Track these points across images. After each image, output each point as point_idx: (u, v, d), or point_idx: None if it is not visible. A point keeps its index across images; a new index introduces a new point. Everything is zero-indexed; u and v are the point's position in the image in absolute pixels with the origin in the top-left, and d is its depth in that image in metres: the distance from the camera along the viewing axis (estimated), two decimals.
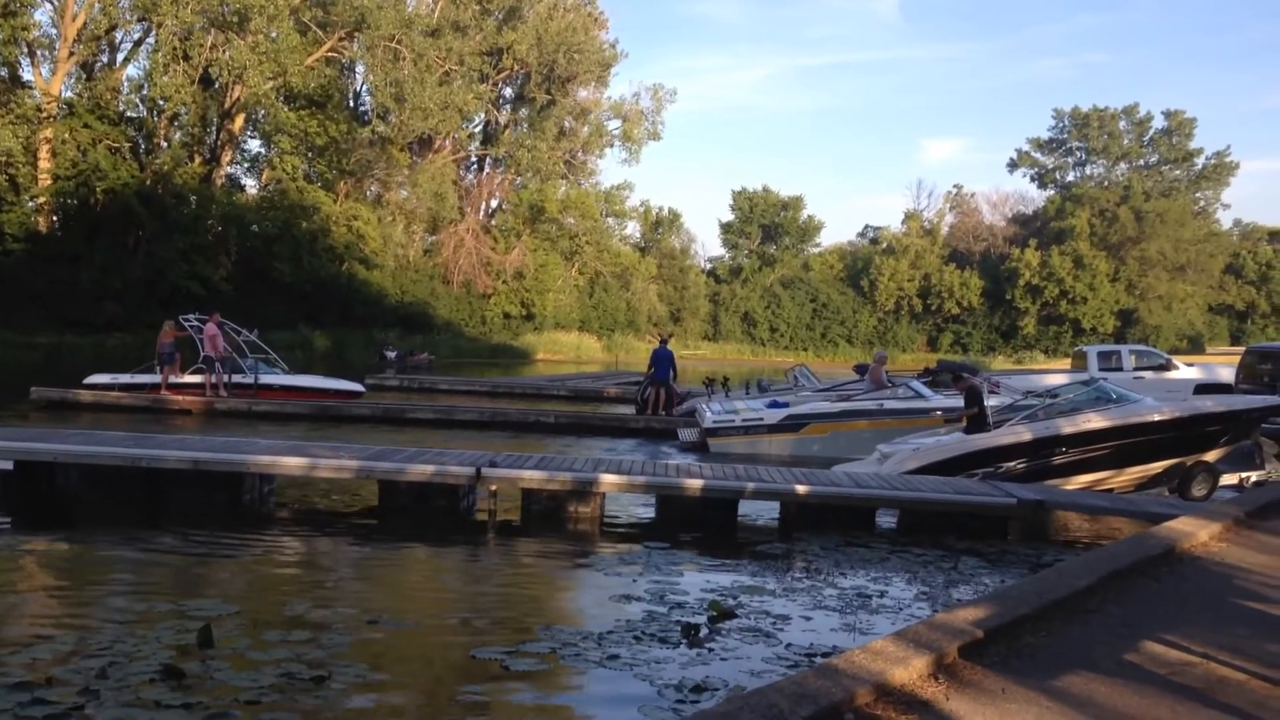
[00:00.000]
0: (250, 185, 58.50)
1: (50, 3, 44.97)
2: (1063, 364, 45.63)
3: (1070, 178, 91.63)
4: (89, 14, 44.12)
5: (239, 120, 52.39)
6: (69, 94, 45.39)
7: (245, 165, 59.38)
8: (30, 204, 43.10)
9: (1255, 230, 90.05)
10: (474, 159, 69.93)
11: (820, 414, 17.35)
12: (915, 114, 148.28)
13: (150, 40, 47.50)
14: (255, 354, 22.97)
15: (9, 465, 11.00)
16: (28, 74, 44.96)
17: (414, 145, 60.20)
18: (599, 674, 6.00)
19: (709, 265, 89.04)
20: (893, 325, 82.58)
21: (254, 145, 58.47)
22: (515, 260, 62.72)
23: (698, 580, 8.34)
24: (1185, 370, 24.78)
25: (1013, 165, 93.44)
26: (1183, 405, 13.69)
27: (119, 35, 48.34)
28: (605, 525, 10.74)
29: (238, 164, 58.10)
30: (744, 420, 17.43)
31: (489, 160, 69.34)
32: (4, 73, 43.55)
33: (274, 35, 46.17)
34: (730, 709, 4.09)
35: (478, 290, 61.75)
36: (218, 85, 48.97)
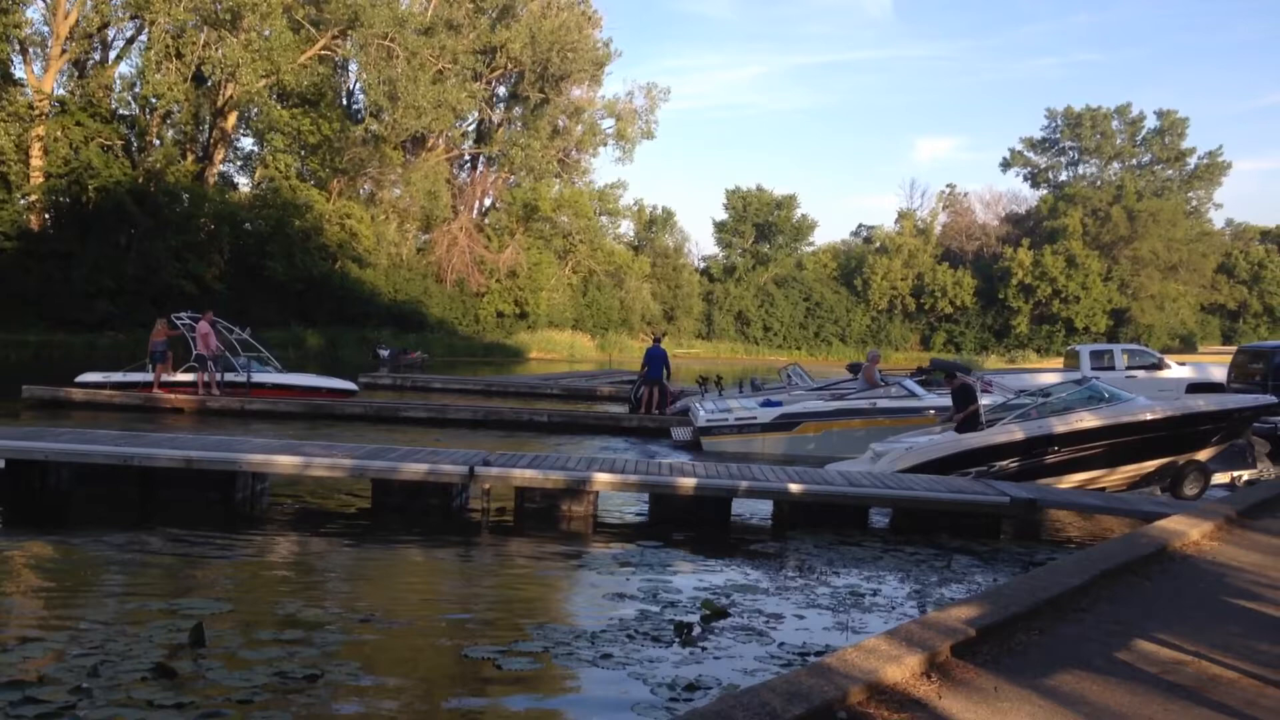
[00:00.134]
0: (243, 183, 58.53)
1: (42, 0, 44.93)
2: (1055, 363, 45.79)
3: (1063, 177, 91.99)
4: (81, 11, 44.02)
5: (231, 118, 52.30)
6: (61, 92, 45.33)
7: (238, 163, 59.47)
8: (22, 202, 42.97)
9: (1247, 230, 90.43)
10: (467, 157, 69.87)
11: (813, 413, 17.37)
12: (908, 113, 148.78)
13: (143, 38, 47.46)
14: (248, 352, 22.95)
15: (0, 464, 10.98)
16: (20, 71, 44.82)
17: (407, 144, 60.12)
18: (592, 673, 6.00)
19: (703, 264, 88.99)
20: (886, 324, 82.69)
21: (247, 143, 58.54)
22: (509, 259, 62.65)
23: (691, 579, 8.34)
24: (1177, 369, 24.86)
25: (1006, 164, 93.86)
26: (1175, 404, 13.72)
27: (111, 33, 48.32)
28: (598, 524, 10.74)
29: (230, 162, 58.19)
30: (737, 419, 17.45)
31: (482, 159, 69.27)
32: None
33: (267, 33, 46.09)
34: (723, 708, 4.08)
35: (471, 289, 61.66)
36: (210, 83, 48.90)
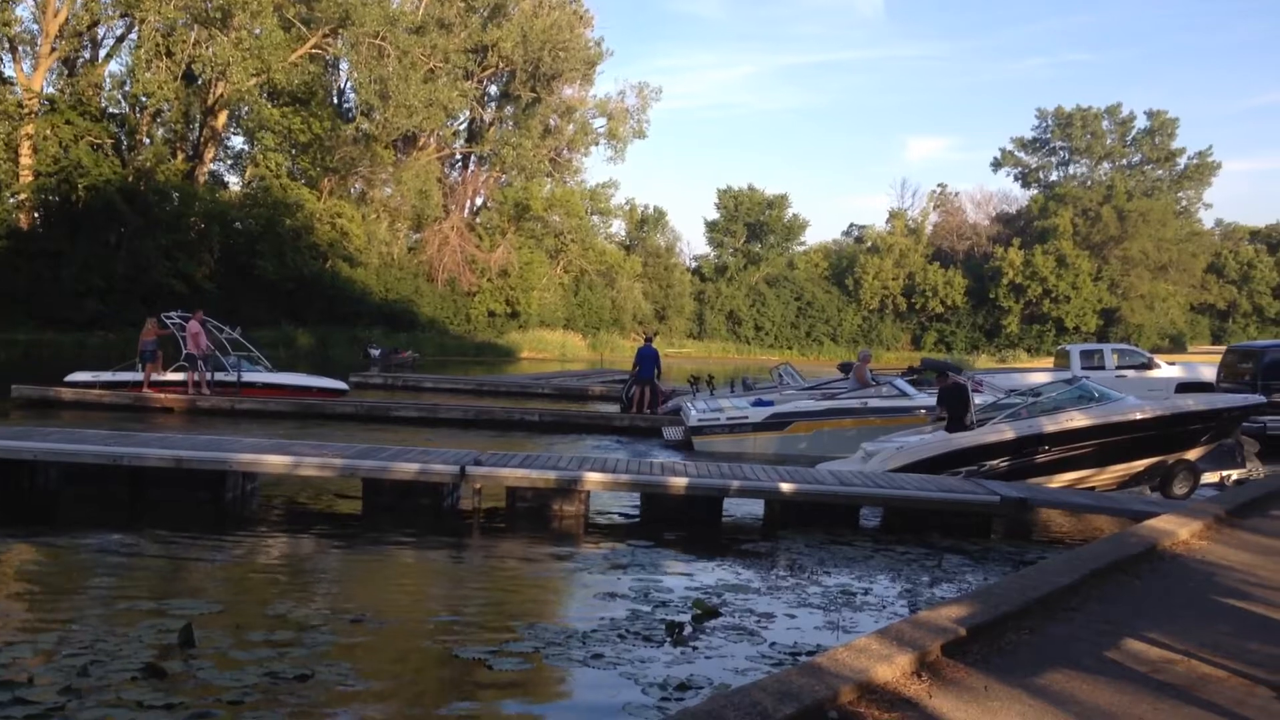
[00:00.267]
0: (233, 182, 58.31)
1: None
2: (1046, 363, 45.95)
3: (1053, 177, 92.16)
4: (71, 9, 43.81)
5: (222, 117, 52.12)
6: (51, 90, 45.04)
7: (228, 162, 59.22)
8: (11, 200, 42.72)
9: (1236, 230, 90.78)
10: (459, 156, 69.75)
11: (805, 412, 17.39)
12: (899, 112, 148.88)
13: (133, 36, 47.21)
14: (238, 352, 22.90)
15: None
16: (9, 70, 44.66)
17: (398, 143, 59.96)
18: (583, 673, 6.00)
19: (694, 263, 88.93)
20: (877, 324, 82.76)
21: (237, 142, 58.30)
22: (500, 258, 62.56)
23: (682, 578, 8.35)
24: (1167, 369, 24.95)
25: (996, 164, 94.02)
26: (1164, 404, 13.77)
27: (101, 31, 48.07)
28: (590, 524, 10.74)
29: (221, 161, 57.91)
30: (729, 418, 17.46)
31: (474, 158, 69.16)
32: None
33: (257, 31, 45.96)
34: (714, 707, 4.09)
35: (462, 288, 61.56)
36: (201, 81, 48.73)
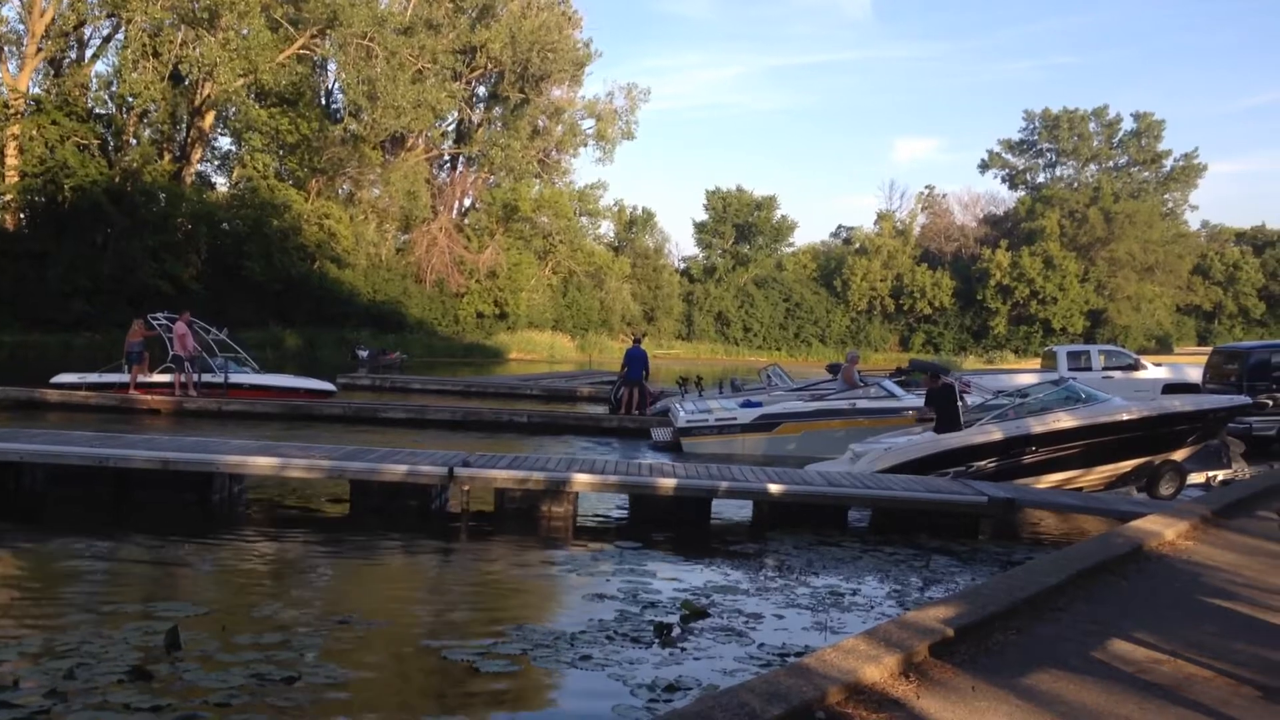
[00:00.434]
0: (220, 183, 58.04)
1: None
2: (1033, 364, 46.01)
3: (1040, 179, 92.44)
4: (57, 10, 43.59)
5: (209, 117, 51.90)
6: (37, 90, 44.82)
7: (215, 163, 58.94)
8: None
9: (1222, 231, 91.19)
10: (447, 157, 69.63)
11: (793, 413, 17.40)
12: (888, 114, 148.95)
13: (119, 36, 47.02)
14: (225, 353, 22.83)
15: None
16: None
17: (386, 143, 59.81)
18: (571, 674, 5.99)
19: (683, 265, 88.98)
20: (865, 325, 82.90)
21: (224, 143, 58.03)
22: (488, 259, 62.48)
23: (670, 579, 8.35)
24: (1153, 370, 25.03)
25: (984, 166, 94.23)
26: (1151, 405, 13.83)
27: (87, 31, 47.80)
28: (578, 525, 10.73)
29: (208, 161, 57.66)
30: (717, 420, 17.46)
31: (462, 159, 69.05)
32: None
33: (245, 32, 45.76)
34: (703, 708, 4.09)
35: (450, 289, 61.45)
36: (188, 82, 48.51)
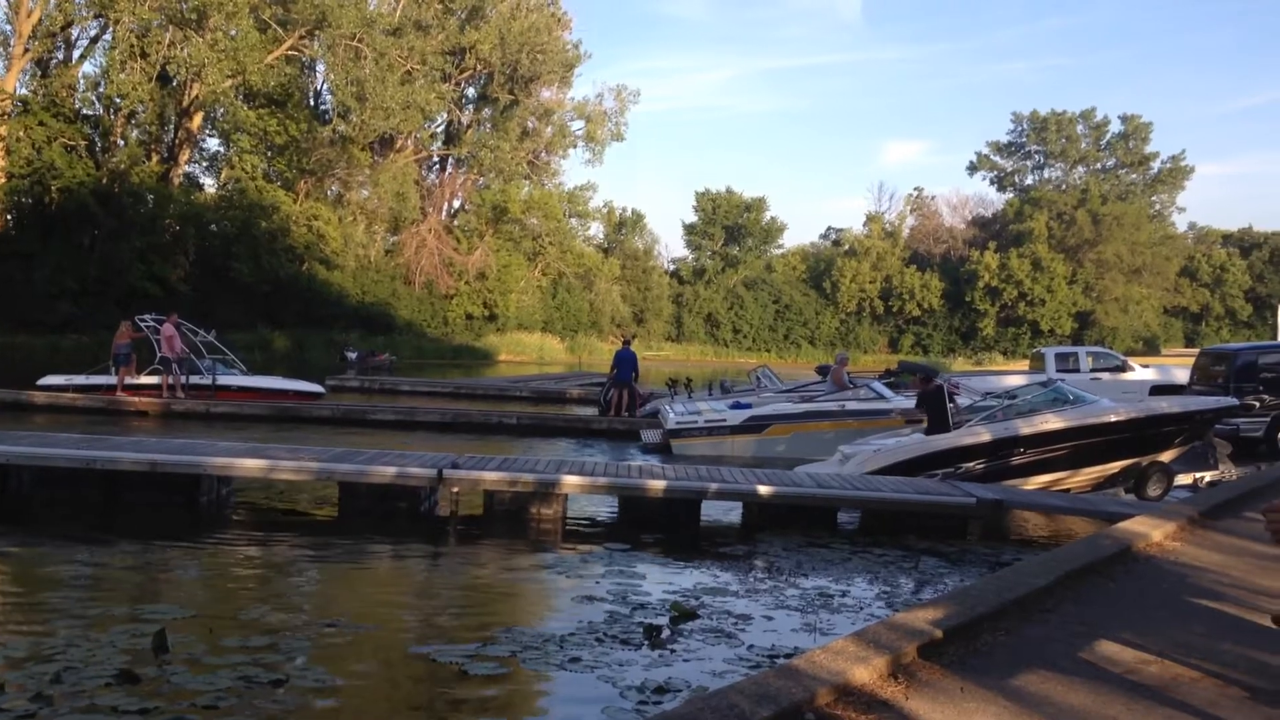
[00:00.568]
0: (209, 184, 57.93)
1: None
2: (1021, 365, 46.21)
3: (1029, 181, 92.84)
4: (44, 10, 43.43)
5: (197, 118, 51.79)
6: (24, 91, 44.72)
7: (204, 164, 58.87)
8: None
9: (1209, 233, 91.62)
10: (436, 159, 69.55)
11: (783, 415, 17.41)
12: (877, 116, 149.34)
13: (107, 37, 46.91)
14: (213, 355, 22.75)
15: None
16: None
17: (375, 145, 59.73)
18: (560, 676, 5.98)
19: (672, 266, 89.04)
20: (854, 326, 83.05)
21: (213, 144, 57.98)
22: (478, 261, 62.43)
23: (660, 581, 8.34)
24: (1141, 371, 25.11)
25: (972, 168, 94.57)
26: (1138, 406, 13.88)
27: (75, 32, 47.67)
28: (568, 527, 10.71)
29: (196, 163, 57.58)
30: (707, 421, 17.45)
31: (451, 160, 68.98)
32: None
33: (233, 33, 45.69)
34: (692, 710, 4.08)
35: (440, 291, 61.38)
36: (176, 83, 48.41)
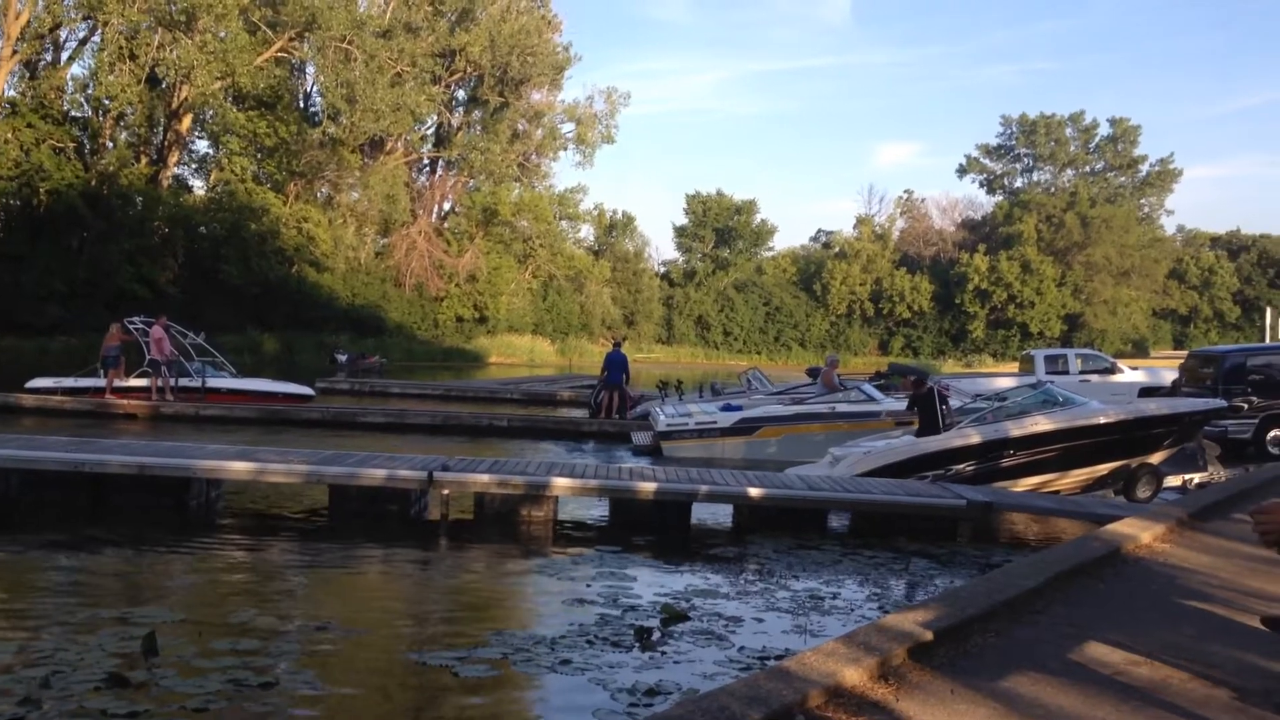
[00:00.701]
0: (198, 186, 57.68)
1: None
2: (1011, 367, 46.26)
3: (1018, 184, 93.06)
4: (33, 12, 43.26)
5: (186, 120, 51.63)
6: (12, 93, 44.48)
7: (193, 166, 58.57)
8: None
9: (1198, 236, 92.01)
10: (426, 161, 69.46)
11: (773, 417, 17.42)
12: (867, 119, 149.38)
13: (95, 39, 46.70)
14: (202, 357, 22.71)
15: None
16: None
17: (365, 147, 59.60)
18: (551, 679, 5.98)
19: (663, 269, 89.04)
20: (845, 329, 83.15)
21: (202, 146, 57.69)
22: (468, 263, 62.37)
23: (650, 583, 8.34)
24: (1130, 373, 25.20)
25: (962, 171, 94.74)
26: (1127, 408, 13.92)
27: (63, 34, 47.48)
28: (558, 529, 10.70)
29: (185, 165, 57.31)
30: (697, 423, 17.46)
31: (441, 162, 68.91)
32: None
33: (222, 35, 45.59)
34: (683, 712, 4.08)
35: (430, 293, 61.31)
36: (165, 85, 48.24)
